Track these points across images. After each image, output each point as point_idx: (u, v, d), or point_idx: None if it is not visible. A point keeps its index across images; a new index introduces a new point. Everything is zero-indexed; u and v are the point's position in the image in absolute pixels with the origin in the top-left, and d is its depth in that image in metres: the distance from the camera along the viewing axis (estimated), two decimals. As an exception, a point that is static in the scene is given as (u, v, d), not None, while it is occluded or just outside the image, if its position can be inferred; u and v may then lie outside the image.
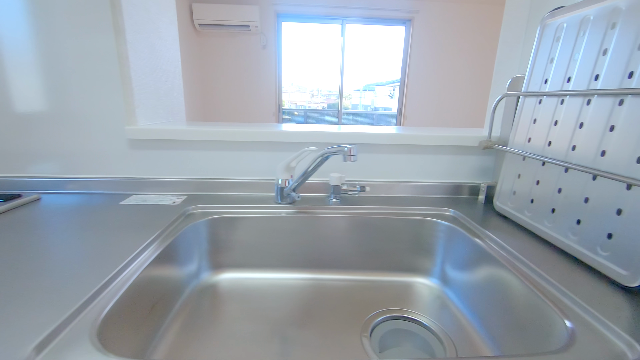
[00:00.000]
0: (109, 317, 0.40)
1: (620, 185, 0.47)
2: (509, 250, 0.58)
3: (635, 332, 0.37)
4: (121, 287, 0.46)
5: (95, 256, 0.51)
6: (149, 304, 0.53)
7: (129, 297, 0.46)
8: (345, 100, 4.58)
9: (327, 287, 0.74)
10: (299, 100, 4.58)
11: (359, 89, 4.61)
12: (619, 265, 0.46)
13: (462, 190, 0.88)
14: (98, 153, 0.81)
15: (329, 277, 0.76)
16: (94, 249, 0.53)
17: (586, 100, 0.54)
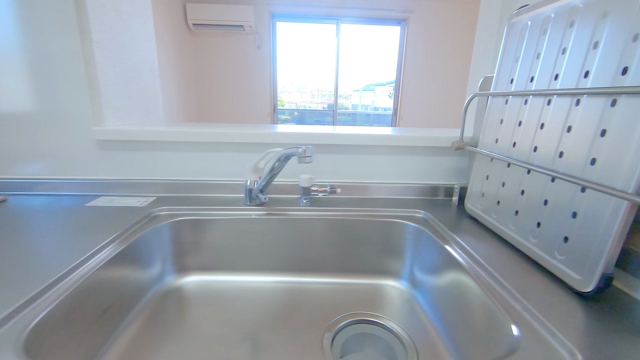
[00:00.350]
0: (43, 326, 0.39)
1: (575, 187, 0.46)
2: (471, 254, 0.57)
3: (579, 340, 0.36)
4: (64, 292, 0.45)
5: (43, 260, 0.50)
6: (99, 309, 0.52)
7: (72, 302, 0.45)
8: (346, 101, 4.57)
9: (296, 290, 0.73)
10: (299, 100, 4.57)
11: (359, 89, 4.60)
12: (574, 270, 0.45)
13: (437, 191, 0.87)
14: (66, 154, 0.80)
15: (298, 280, 0.75)
16: (43, 253, 0.52)
17: (546, 101, 0.53)
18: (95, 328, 0.51)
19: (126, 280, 0.59)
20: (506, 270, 0.51)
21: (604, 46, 0.44)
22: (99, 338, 0.51)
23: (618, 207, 0.40)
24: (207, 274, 0.74)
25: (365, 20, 4.10)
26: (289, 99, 4.56)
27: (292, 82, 4.47)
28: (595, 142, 0.44)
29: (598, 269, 0.41)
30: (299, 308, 0.67)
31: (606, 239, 0.41)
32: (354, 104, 4.68)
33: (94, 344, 0.50)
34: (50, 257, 0.51)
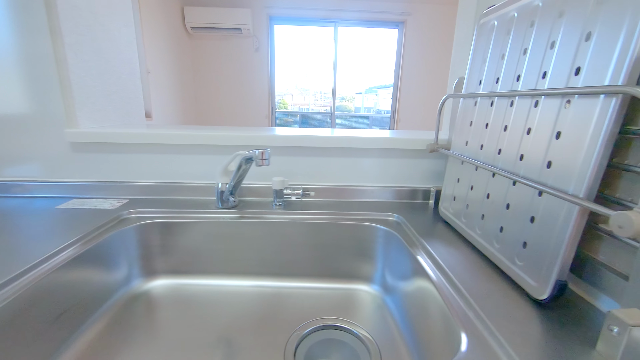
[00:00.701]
0: (-21, 328, 0.38)
1: (534, 191, 0.45)
2: (435, 259, 0.55)
3: (526, 350, 0.35)
4: (11, 295, 0.44)
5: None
6: (54, 313, 0.51)
7: (21, 305, 0.45)
8: (349, 103, 4.57)
9: (267, 295, 0.71)
10: (302, 103, 4.57)
11: (361, 92, 4.60)
12: (531, 277, 0.44)
13: (416, 195, 0.85)
14: (40, 156, 0.80)
15: (269, 284, 0.74)
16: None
17: (509, 102, 0.52)
18: (49, 332, 0.50)
19: (87, 283, 0.58)
20: (468, 276, 0.50)
21: (559, 46, 0.43)
22: (53, 342, 0.50)
23: (570, 212, 0.38)
24: (176, 277, 0.73)
25: (362, 23, 4.10)
26: (292, 102, 4.57)
27: (295, 85, 4.48)
28: (551, 145, 0.42)
29: (552, 275, 0.40)
30: (268, 313, 0.66)
31: (559, 244, 0.39)
32: (356, 107, 4.68)
33: (47, 348, 0.49)
34: (3, 259, 0.50)
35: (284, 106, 4.53)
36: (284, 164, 0.83)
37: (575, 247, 0.39)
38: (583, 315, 0.40)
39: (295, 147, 0.82)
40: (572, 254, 0.39)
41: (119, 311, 0.63)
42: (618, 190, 0.38)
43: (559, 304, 0.43)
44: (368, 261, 0.74)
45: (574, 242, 0.38)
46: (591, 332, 0.38)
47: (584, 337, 0.37)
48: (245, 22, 3.80)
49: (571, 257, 0.39)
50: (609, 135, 0.35)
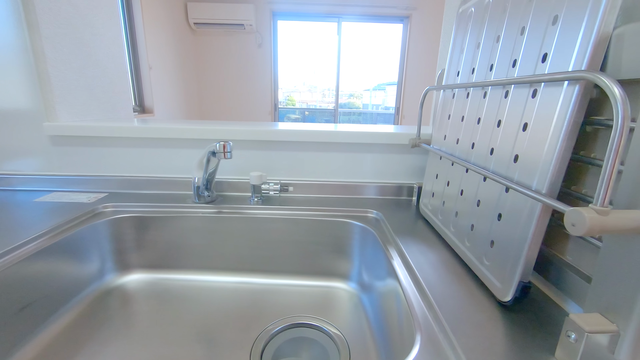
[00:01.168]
0: None
1: (501, 187, 0.42)
2: (405, 258, 0.53)
3: (476, 354, 0.33)
4: (-35, 288, 0.44)
5: (-44, 255, 0.49)
6: (16, 306, 0.51)
7: (-26, 298, 0.45)
8: (357, 100, 4.54)
9: (241, 291, 0.70)
10: (310, 100, 4.55)
11: (369, 89, 4.57)
12: (496, 277, 0.41)
13: (401, 191, 0.83)
14: (20, 150, 0.81)
15: (245, 280, 0.73)
16: (-39, 248, 0.51)
17: (483, 94, 0.49)
18: (12, 324, 0.50)
19: (56, 276, 0.58)
20: (437, 276, 0.47)
21: (529, 31, 0.40)
22: (14, 335, 0.50)
23: (533, 209, 0.36)
24: (150, 272, 0.73)
25: (367, 17, 4.04)
26: (300, 99, 4.56)
27: (303, 82, 4.47)
28: (518, 138, 0.40)
29: (515, 276, 0.38)
30: (241, 310, 0.65)
31: (522, 243, 0.37)
32: (364, 104, 4.65)
33: (7, 340, 0.49)
34: (-35, 252, 0.50)
35: (291, 103, 4.52)
36: (263, 158, 0.82)
37: (538, 246, 0.36)
38: (547, 319, 0.38)
39: (274, 141, 0.80)
40: (535, 254, 0.36)
41: (90, 305, 0.63)
42: (585, 185, 0.35)
43: (525, 306, 0.40)
44: (345, 258, 0.72)
45: (537, 240, 0.36)
46: (553, 337, 0.35)
47: (544, 342, 0.35)
48: (248, 18, 3.79)
49: (534, 257, 0.36)
50: (572, 126, 0.32)
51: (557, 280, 0.40)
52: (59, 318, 0.58)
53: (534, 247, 0.36)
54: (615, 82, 0.25)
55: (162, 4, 3.21)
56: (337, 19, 4.06)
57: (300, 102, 4.55)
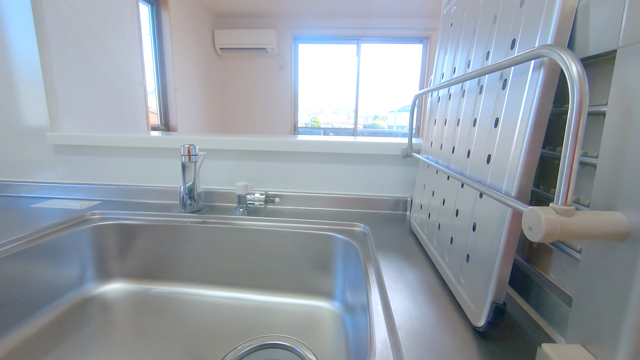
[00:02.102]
0: None
1: (476, 193, 0.37)
2: (380, 276, 0.48)
3: (429, 390, 0.27)
4: None
5: None
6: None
7: None
8: (382, 122, 4.55)
9: (219, 305, 0.67)
10: (335, 122, 4.62)
11: (394, 111, 4.58)
12: (470, 297, 0.35)
13: (397, 205, 0.78)
14: (26, 158, 0.85)
15: (221, 295, 0.70)
16: (-60, 246, 0.53)
17: (462, 93, 0.45)
18: (-26, 327, 0.50)
19: (31, 280, 0.58)
20: (411, 296, 0.42)
21: (500, 18, 0.36)
22: (-25, 337, 0.50)
23: (503, 216, 0.31)
24: (131, 282, 0.72)
25: (386, 39, 4.09)
26: (325, 120, 4.64)
27: (329, 105, 4.57)
28: (490, 135, 0.35)
29: (488, 296, 0.32)
30: (213, 326, 0.61)
31: (494, 257, 0.31)
32: (390, 125, 4.65)
33: (-33, 343, 0.49)
34: (-59, 250, 0.51)
35: (317, 124, 4.61)
36: (253, 169, 0.80)
37: (511, 259, 0.30)
38: (527, 349, 0.31)
39: (263, 151, 0.79)
40: (507, 269, 0.31)
41: (66, 312, 0.62)
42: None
43: (502, 333, 0.34)
44: (329, 275, 0.67)
45: (509, 253, 0.30)
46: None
47: (519, 379, 0.28)
48: (271, 42, 3.96)
49: (507, 273, 0.31)
50: (539, 116, 0.27)
51: (539, 302, 0.34)
52: (31, 323, 0.57)
53: (507, 262, 0.30)
54: (572, 56, 0.21)
55: (190, 31, 3.44)
56: (357, 41, 4.14)
57: (325, 124, 4.61)
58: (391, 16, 3.89)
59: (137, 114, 1.13)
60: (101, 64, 0.96)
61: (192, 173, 0.65)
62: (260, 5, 3.69)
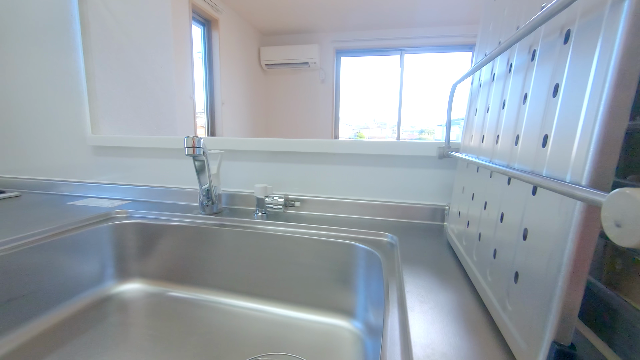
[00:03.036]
0: None
1: (527, 190, 0.28)
2: (403, 297, 0.39)
3: None
4: (-52, 272, 0.45)
5: (-38, 241, 0.53)
6: (1, 297, 0.51)
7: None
8: (429, 136, 4.41)
9: (228, 314, 0.62)
10: (379, 136, 4.58)
11: (442, 124, 4.39)
12: (520, 332, 0.26)
13: (433, 214, 0.68)
14: (69, 158, 0.90)
15: (235, 303, 0.65)
16: (-28, 236, 0.55)
17: (508, 67, 0.36)
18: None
19: (51, 274, 0.59)
20: (440, 324, 0.33)
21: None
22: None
23: (569, 215, 0.21)
24: (149, 282, 0.70)
25: (431, 48, 3.94)
26: (369, 134, 4.61)
27: (373, 119, 4.55)
28: (548, 109, 0.26)
29: (545, 333, 0.22)
30: (226, 336, 0.56)
31: (555, 276, 0.22)
32: (437, 139, 4.46)
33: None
34: (-28, 239, 0.53)
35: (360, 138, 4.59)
36: (275, 171, 0.76)
37: (582, 281, 0.21)
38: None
39: (285, 152, 0.75)
40: (577, 296, 0.21)
41: (84, 309, 0.62)
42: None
43: None
44: (350, 289, 0.59)
45: (578, 272, 0.21)
46: None
47: None
48: (313, 56, 4.04)
49: (577, 301, 0.21)
50: (624, 67, 0.18)
51: (628, 347, 0.23)
52: (49, 316, 0.57)
53: (575, 284, 0.21)
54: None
55: (238, 49, 3.64)
56: (400, 51, 4.05)
57: (369, 139, 4.56)
58: (436, 24, 3.74)
59: (174, 121, 1.17)
60: (140, 71, 1.01)
61: (206, 171, 0.62)
62: (304, 21, 3.80)
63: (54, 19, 0.83)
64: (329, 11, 3.52)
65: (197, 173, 0.62)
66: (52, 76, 0.87)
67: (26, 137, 0.93)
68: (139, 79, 1.00)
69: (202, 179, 0.67)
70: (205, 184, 0.65)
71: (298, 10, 3.52)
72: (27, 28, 0.86)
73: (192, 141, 0.51)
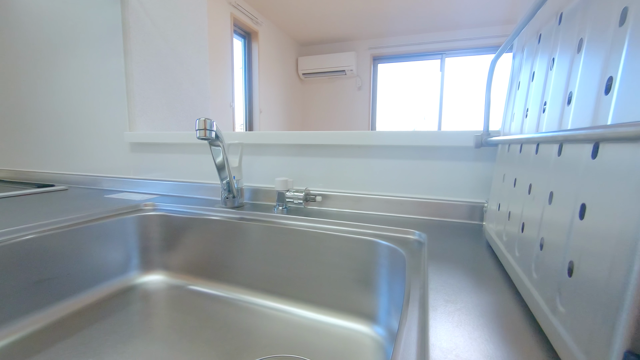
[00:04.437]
0: None
1: (584, 154, 0.21)
2: (425, 295, 0.33)
3: None
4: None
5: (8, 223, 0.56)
6: (32, 277, 0.54)
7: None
8: None
9: (243, 311, 0.60)
10: None
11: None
12: (576, 338, 0.19)
13: (471, 213, 0.60)
14: (109, 155, 0.96)
15: (250, 300, 0.62)
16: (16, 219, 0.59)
17: (558, 17, 0.29)
18: (24, 293, 0.53)
19: (78, 260, 0.61)
20: (466, 324, 0.27)
21: None
22: (24, 304, 0.52)
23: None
24: (171, 275, 0.70)
25: (474, 50, 3.75)
26: None
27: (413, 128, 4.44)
28: (612, 47, 0.20)
29: (615, 341, 0.16)
30: (241, 332, 0.53)
31: (629, 256, 0.16)
32: None
33: (14, 308, 0.51)
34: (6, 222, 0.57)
35: None
36: (298, 166, 0.74)
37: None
38: None
39: (309, 145, 0.72)
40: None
41: (108, 296, 0.63)
42: None
43: None
44: (371, 291, 0.53)
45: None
46: None
47: None
48: (350, 64, 4.04)
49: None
50: None
51: None
52: (75, 299, 0.59)
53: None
54: None
55: (276, 60, 3.76)
56: (440, 55, 3.90)
57: None
58: (479, 25, 3.56)
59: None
60: (176, 73, 1.05)
61: (224, 163, 0.61)
62: (341, 30, 3.83)
63: (104, 28, 0.90)
64: (367, 19, 3.51)
65: (217, 167, 0.61)
66: (98, 79, 0.93)
67: (74, 137, 1.00)
68: (175, 80, 1.04)
69: (222, 174, 0.67)
70: (225, 177, 0.64)
71: (335, 20, 3.55)
72: (83, 38, 0.94)
73: (204, 123, 0.50)
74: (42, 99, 1.04)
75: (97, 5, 0.91)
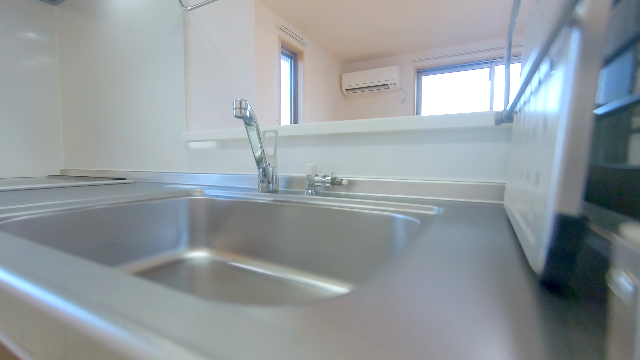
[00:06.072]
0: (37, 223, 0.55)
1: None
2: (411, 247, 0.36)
3: None
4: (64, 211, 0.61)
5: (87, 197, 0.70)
6: (105, 240, 0.66)
7: (72, 218, 0.61)
8: None
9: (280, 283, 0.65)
10: None
11: None
12: (531, 230, 0.21)
13: (494, 192, 0.60)
14: (171, 153, 1.11)
15: (285, 277, 0.67)
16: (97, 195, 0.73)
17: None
18: (99, 253, 0.64)
19: (138, 231, 0.72)
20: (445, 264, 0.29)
21: None
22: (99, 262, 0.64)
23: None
24: (213, 253, 0.79)
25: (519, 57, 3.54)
26: None
27: None
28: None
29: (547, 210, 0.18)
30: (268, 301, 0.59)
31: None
32: None
33: (88, 264, 0.63)
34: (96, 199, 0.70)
35: None
36: (327, 155, 0.79)
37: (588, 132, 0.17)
38: None
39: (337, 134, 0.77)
40: (583, 158, 0.17)
41: (161, 265, 0.73)
42: None
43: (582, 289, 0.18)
44: (390, 265, 0.55)
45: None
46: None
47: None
48: (393, 78, 4.07)
49: (583, 167, 0.17)
50: None
51: None
52: (131, 266, 0.70)
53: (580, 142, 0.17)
54: None
55: (321, 77, 3.94)
56: (489, 64, 3.75)
57: None
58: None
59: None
60: (226, 82, 1.19)
61: (260, 149, 0.69)
62: (384, 45, 3.91)
63: (170, 47, 1.08)
64: (410, 32, 3.55)
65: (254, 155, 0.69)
66: (162, 89, 1.10)
67: (141, 139, 1.18)
68: (225, 89, 1.18)
69: (259, 162, 0.75)
70: (262, 165, 0.72)
71: (378, 35, 3.65)
72: (153, 59, 1.13)
73: (240, 102, 0.58)
74: (118, 112, 1.24)
75: (166, 36, 1.09)
